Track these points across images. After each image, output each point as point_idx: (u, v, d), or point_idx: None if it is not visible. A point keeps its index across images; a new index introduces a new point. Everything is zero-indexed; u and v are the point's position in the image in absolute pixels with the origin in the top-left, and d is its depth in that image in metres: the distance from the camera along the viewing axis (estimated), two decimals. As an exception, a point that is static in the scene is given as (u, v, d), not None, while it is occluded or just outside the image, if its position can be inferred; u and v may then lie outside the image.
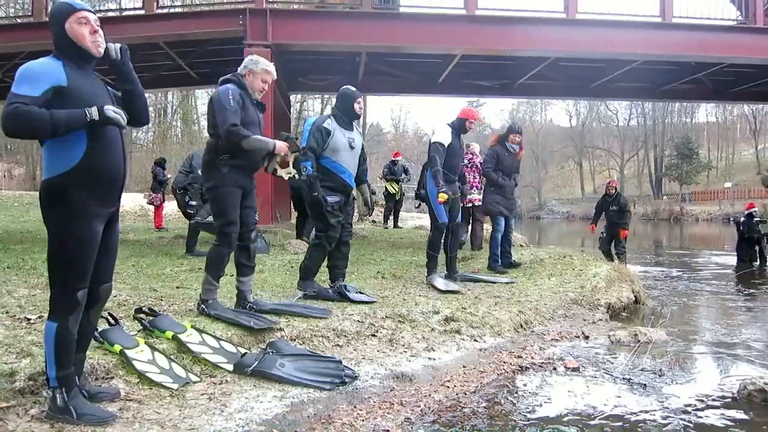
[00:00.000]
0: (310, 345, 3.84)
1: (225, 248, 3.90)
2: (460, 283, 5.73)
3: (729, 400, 3.33)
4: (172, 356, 3.20)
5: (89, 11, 2.47)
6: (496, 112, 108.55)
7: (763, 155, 55.05)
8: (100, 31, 2.48)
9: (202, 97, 29.55)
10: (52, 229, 2.43)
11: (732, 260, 11.42)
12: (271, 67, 4.01)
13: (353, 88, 4.90)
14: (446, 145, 5.71)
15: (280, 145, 3.89)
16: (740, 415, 3.13)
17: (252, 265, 4.15)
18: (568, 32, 9.17)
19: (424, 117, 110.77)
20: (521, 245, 10.54)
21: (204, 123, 32.25)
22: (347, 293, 4.75)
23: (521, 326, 4.72)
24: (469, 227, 8.84)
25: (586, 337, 4.61)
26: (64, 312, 2.42)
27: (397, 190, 12.78)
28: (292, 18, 9.11)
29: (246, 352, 3.47)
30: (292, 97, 17.16)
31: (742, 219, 11.03)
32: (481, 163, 8.23)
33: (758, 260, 10.71)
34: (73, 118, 2.29)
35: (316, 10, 9.45)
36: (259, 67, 3.92)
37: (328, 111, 23.80)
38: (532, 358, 3.99)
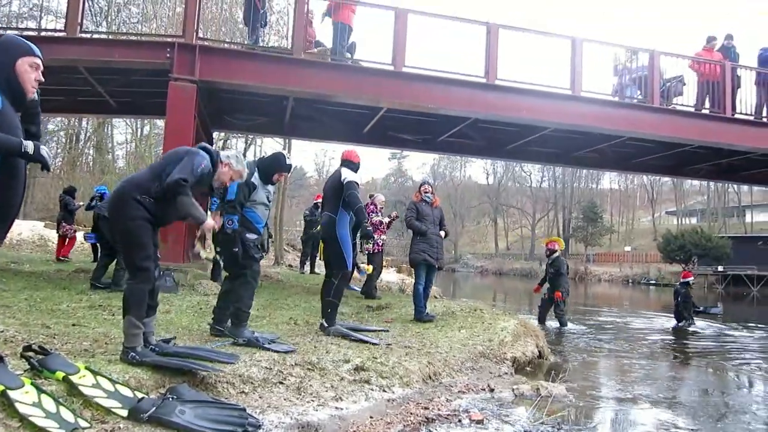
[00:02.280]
0: (213, 391, 3.70)
1: (145, 284, 3.74)
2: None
3: (619, 454, 3.50)
4: (60, 399, 2.98)
5: (42, 60, 2.59)
6: (418, 165, 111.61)
7: (659, 222, 59.61)
8: (41, 80, 2.59)
9: (119, 126, 28.38)
10: None
11: (635, 320, 12.23)
12: (246, 176, 4.30)
13: (288, 162, 4.97)
14: None
15: (209, 224, 3.91)
16: (629, 468, 3.30)
17: (155, 304, 3.99)
18: (487, 96, 9.70)
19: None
20: (435, 297, 10.74)
21: (119, 152, 30.95)
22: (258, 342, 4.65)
23: (430, 377, 4.76)
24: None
25: (492, 390, 4.71)
26: None
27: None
28: (221, 56, 9.08)
29: (143, 397, 3.29)
30: (215, 135, 16.91)
31: (680, 288, 11.89)
32: (380, 221, 9.23)
33: (689, 320, 11.48)
34: (9, 142, 2.30)
35: (246, 51, 9.47)
36: (238, 168, 4.15)
37: (251, 153, 23.63)
38: (439, 409, 4.03)
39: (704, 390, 5.91)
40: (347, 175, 5.64)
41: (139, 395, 3.29)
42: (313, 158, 75.75)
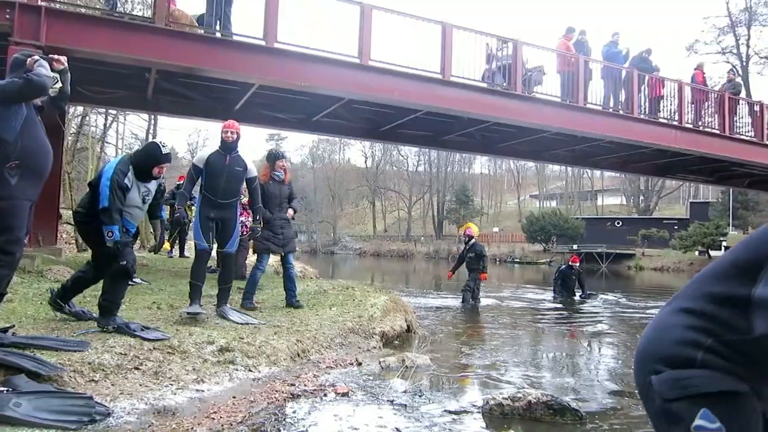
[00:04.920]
0: (59, 382, 3.42)
1: (6, 270, 3.39)
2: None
3: (474, 413, 3.71)
4: None
5: None
6: (296, 147, 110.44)
7: (524, 205, 63.91)
8: None
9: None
10: None
11: (501, 294, 13.04)
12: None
13: (164, 151, 4.51)
14: (202, 166, 5.38)
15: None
16: (480, 425, 3.52)
17: (4, 292, 3.61)
18: (361, 77, 9.71)
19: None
20: (311, 278, 10.72)
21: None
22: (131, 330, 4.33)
23: (298, 355, 4.74)
24: None
25: (359, 364, 4.80)
26: None
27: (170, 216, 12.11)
28: (73, 21, 8.23)
29: (-30, 392, 2.96)
30: (71, 109, 15.48)
31: (563, 267, 12.90)
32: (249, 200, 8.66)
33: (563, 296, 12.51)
34: None
35: (102, 17, 8.68)
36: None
37: (113, 130, 21.89)
38: (305, 385, 4.02)
39: (557, 353, 6.45)
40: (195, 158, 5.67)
41: (-34, 390, 2.96)
42: (185, 138, 71.45)
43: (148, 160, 4.43)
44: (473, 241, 11.12)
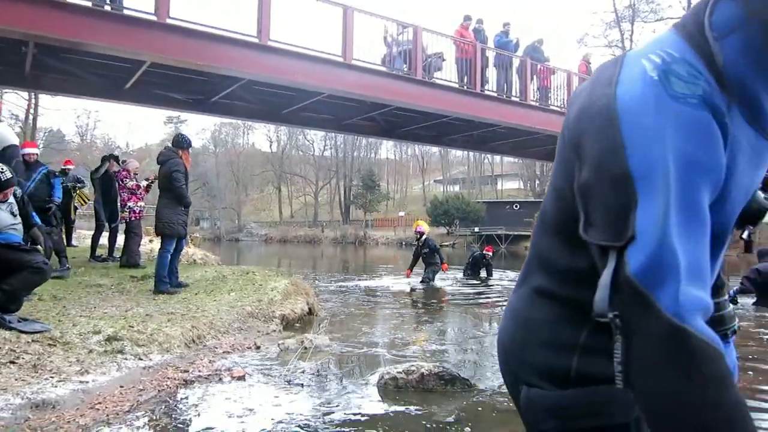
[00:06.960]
0: None
1: None
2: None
3: (370, 388, 3.80)
4: None
5: None
6: (197, 130, 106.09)
7: (429, 190, 65.47)
8: None
9: None
10: None
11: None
12: None
13: (2, 177, 4.14)
14: None
15: None
16: (376, 398, 3.62)
17: None
18: (260, 57, 9.48)
19: (116, 127, 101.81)
20: (212, 264, 10.42)
21: None
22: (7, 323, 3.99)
23: (193, 341, 4.62)
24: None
25: (258, 348, 4.75)
26: None
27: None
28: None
29: None
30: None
31: (477, 253, 13.45)
32: (138, 184, 8.53)
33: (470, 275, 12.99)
34: None
35: (-33, -17, 7.88)
36: None
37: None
38: (200, 371, 3.93)
39: (457, 330, 6.70)
40: None
41: None
42: (74, 119, 66.11)
43: None
44: (425, 237, 11.58)
